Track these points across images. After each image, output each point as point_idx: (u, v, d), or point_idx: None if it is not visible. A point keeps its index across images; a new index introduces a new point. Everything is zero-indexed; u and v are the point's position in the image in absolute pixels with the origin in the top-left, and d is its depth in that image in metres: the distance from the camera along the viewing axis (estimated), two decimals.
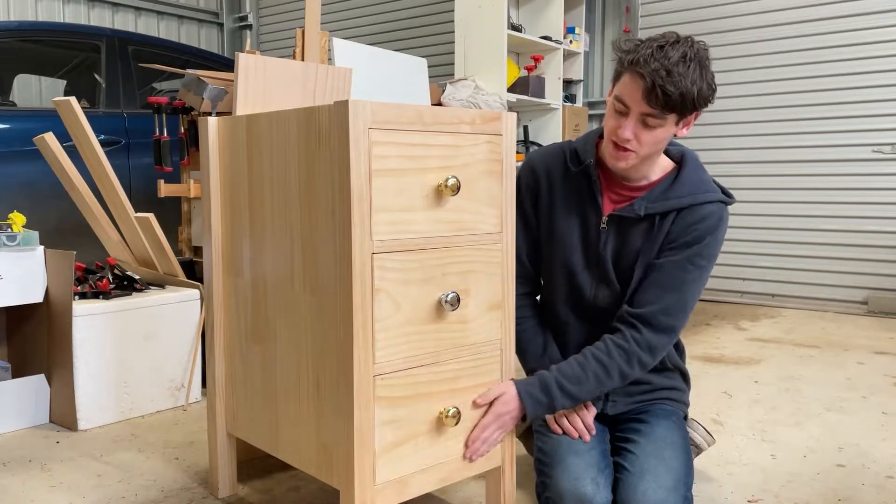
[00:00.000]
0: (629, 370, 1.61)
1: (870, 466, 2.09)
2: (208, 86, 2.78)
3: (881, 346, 3.56)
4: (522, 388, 1.60)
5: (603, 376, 1.60)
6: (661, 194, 1.64)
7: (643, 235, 1.65)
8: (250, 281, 1.71)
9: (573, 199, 1.72)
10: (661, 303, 1.60)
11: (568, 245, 1.72)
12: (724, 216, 1.64)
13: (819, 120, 4.52)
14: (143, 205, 3.55)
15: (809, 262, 4.62)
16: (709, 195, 1.63)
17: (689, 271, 1.61)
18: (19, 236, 2.35)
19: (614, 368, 1.60)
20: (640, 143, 1.54)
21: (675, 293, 1.61)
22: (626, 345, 1.60)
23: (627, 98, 1.52)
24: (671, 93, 1.46)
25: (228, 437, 1.86)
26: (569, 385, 1.59)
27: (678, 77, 1.46)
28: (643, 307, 1.61)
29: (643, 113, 1.51)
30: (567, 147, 1.77)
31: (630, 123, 1.53)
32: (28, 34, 4.08)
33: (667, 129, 1.54)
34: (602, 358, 1.61)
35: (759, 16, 4.67)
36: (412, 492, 1.50)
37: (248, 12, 7.20)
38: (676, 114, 1.51)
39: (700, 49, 1.51)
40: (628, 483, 1.53)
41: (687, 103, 1.49)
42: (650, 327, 1.61)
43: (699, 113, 1.56)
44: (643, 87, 1.48)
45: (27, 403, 2.41)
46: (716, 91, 1.54)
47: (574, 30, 4.89)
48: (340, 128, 1.37)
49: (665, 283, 1.61)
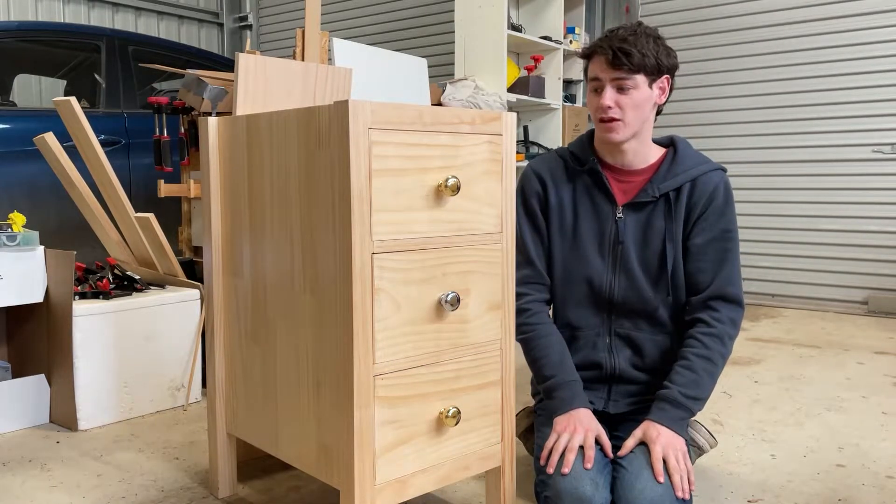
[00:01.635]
0: (725, 350, 1.70)
1: (870, 466, 2.09)
2: (208, 86, 2.78)
3: (881, 346, 3.56)
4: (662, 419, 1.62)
5: (712, 369, 1.68)
6: (666, 173, 1.74)
7: (663, 215, 1.73)
8: (250, 281, 1.71)
9: (582, 197, 1.78)
10: (721, 277, 1.71)
11: (582, 239, 1.77)
12: (728, 183, 1.77)
13: (819, 120, 4.52)
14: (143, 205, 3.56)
15: (809, 262, 4.62)
16: (710, 165, 1.76)
17: (728, 240, 1.73)
18: (19, 236, 2.35)
19: (717, 357, 1.68)
20: (622, 108, 1.67)
21: (727, 264, 1.72)
22: (714, 329, 1.69)
23: (597, 72, 1.68)
24: (630, 52, 1.62)
25: (228, 437, 1.86)
26: (693, 391, 1.66)
27: (633, 40, 1.64)
28: (709, 287, 1.72)
29: (613, 79, 1.66)
30: (562, 152, 1.84)
31: (607, 92, 1.67)
32: (28, 34, 4.08)
33: (641, 90, 1.67)
34: (703, 353, 1.68)
35: (759, 16, 4.66)
36: (412, 492, 1.50)
37: (248, 12, 7.20)
38: (644, 74, 1.65)
39: (649, 28, 1.69)
40: (626, 481, 1.53)
41: (649, 63, 1.65)
42: (724, 301, 1.71)
43: (670, 79, 1.71)
44: (605, 58, 1.65)
45: (27, 403, 2.41)
46: (676, 58, 1.72)
47: (574, 30, 4.89)
48: (340, 128, 1.37)
49: (715, 259, 1.72)
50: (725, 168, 1.79)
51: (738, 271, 1.74)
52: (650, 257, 1.74)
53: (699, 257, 1.73)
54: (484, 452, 1.62)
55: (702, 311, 1.72)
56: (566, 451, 1.58)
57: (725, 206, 1.73)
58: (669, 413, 1.63)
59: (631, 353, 1.76)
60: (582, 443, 1.59)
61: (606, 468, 1.58)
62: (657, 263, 1.73)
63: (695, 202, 1.72)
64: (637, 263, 1.74)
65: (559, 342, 1.76)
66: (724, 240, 1.72)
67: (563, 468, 1.55)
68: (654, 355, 1.76)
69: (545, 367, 1.73)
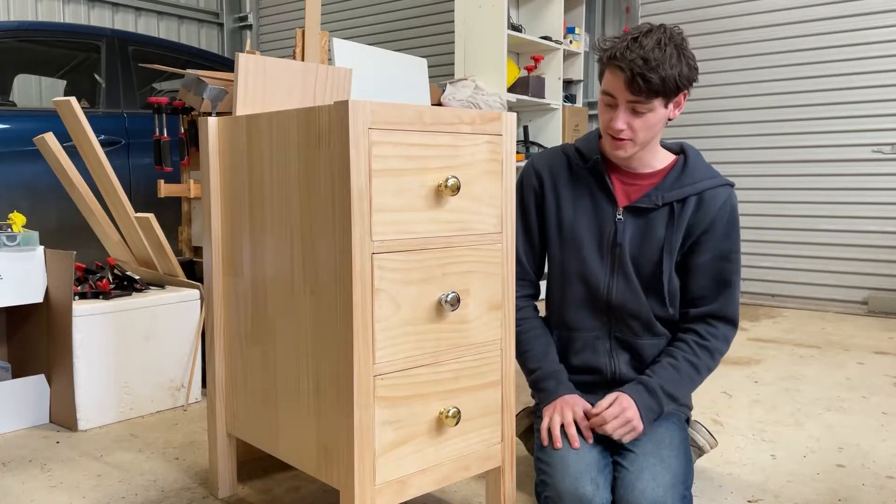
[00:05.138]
0: (713, 364, 1.72)
1: (870, 466, 2.09)
2: (208, 86, 2.78)
3: (881, 346, 3.56)
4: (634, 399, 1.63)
5: (694, 375, 1.70)
6: (674, 182, 1.70)
7: (665, 224, 1.70)
8: (250, 281, 1.71)
9: (582, 195, 1.76)
10: (721, 298, 1.72)
11: (580, 238, 1.75)
12: (735, 201, 1.75)
13: (819, 120, 4.52)
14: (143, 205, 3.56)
15: (809, 262, 4.62)
16: (719, 179, 1.72)
17: (732, 261, 1.72)
18: (19, 236, 2.35)
19: (703, 366, 1.70)
20: (634, 130, 1.62)
21: (730, 288, 1.72)
22: (707, 342, 1.70)
23: (613, 90, 1.61)
24: (651, 79, 1.54)
25: (228, 437, 1.86)
26: (672, 389, 1.67)
27: (655, 63, 1.54)
28: (708, 305, 1.72)
29: (629, 101, 1.59)
30: (568, 148, 1.81)
31: (620, 114, 1.61)
32: (28, 34, 4.08)
33: (656, 112, 1.61)
34: (691, 359, 1.69)
35: (759, 16, 4.67)
36: (412, 492, 1.50)
37: (248, 12, 7.20)
38: (661, 97, 1.59)
39: (674, 33, 1.60)
40: (626, 482, 1.53)
41: (669, 86, 1.57)
42: (721, 320, 1.72)
43: (687, 92, 1.64)
44: (624, 79, 1.57)
45: (27, 403, 2.41)
46: (697, 70, 1.63)
47: (574, 30, 4.89)
48: (340, 128, 1.37)
49: (717, 278, 1.72)
50: (733, 183, 1.76)
51: (738, 293, 1.74)
52: (644, 264, 1.72)
53: (702, 276, 1.72)
54: (484, 452, 1.62)
55: (699, 323, 1.73)
56: (564, 426, 1.63)
57: (731, 226, 1.71)
58: (644, 398, 1.64)
59: (631, 357, 1.76)
60: (574, 417, 1.64)
61: (607, 468, 1.58)
62: (651, 271, 1.72)
63: (700, 218, 1.69)
64: (632, 266, 1.72)
65: (544, 335, 1.80)
66: (727, 260, 1.71)
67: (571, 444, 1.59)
68: (655, 357, 1.75)
69: (530, 360, 1.78)
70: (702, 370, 1.70)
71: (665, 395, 1.66)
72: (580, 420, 1.64)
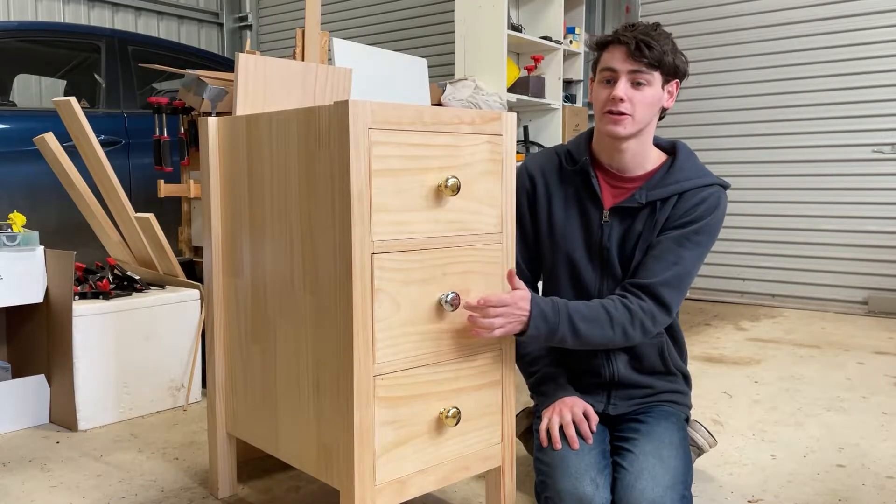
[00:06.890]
0: (631, 331, 1.61)
1: (870, 466, 2.09)
2: (208, 86, 2.78)
3: (881, 346, 3.56)
4: (535, 299, 1.56)
5: (606, 325, 1.60)
6: (659, 181, 1.69)
7: (644, 221, 1.69)
8: (250, 281, 1.71)
9: (572, 197, 1.75)
10: (660, 276, 1.63)
11: (570, 241, 1.75)
12: (722, 198, 1.70)
13: (819, 120, 4.52)
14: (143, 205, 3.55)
15: (809, 262, 4.62)
16: (708, 179, 1.70)
17: (687, 247, 1.65)
18: (19, 236, 2.35)
19: (618, 323, 1.60)
20: (634, 103, 1.62)
21: (674, 267, 1.64)
22: (632, 306, 1.62)
23: (614, 63, 1.62)
24: (654, 46, 1.59)
25: (228, 437, 1.86)
26: (576, 318, 1.58)
27: (656, 37, 1.61)
28: (644, 279, 1.65)
29: (631, 70, 1.61)
30: (560, 150, 1.82)
31: (622, 84, 1.62)
32: (28, 34, 4.08)
33: (655, 88, 1.63)
34: (609, 309, 1.61)
35: (759, 16, 4.66)
36: (412, 492, 1.50)
37: (248, 12, 7.20)
38: (661, 72, 1.62)
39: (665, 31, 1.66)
40: (626, 482, 1.53)
41: (667, 62, 1.61)
42: (652, 297, 1.63)
43: (679, 84, 1.67)
44: (626, 49, 1.60)
45: (27, 403, 2.41)
46: (688, 66, 1.69)
47: (574, 30, 4.89)
48: (340, 128, 1.37)
49: (664, 257, 1.65)
50: (727, 184, 1.72)
51: (680, 278, 1.63)
52: (629, 257, 1.71)
53: (652, 251, 1.66)
54: (484, 453, 1.62)
55: (630, 292, 1.64)
56: (563, 426, 1.62)
57: (707, 215, 1.65)
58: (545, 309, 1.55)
59: (629, 357, 1.75)
60: (572, 417, 1.63)
61: (607, 468, 1.58)
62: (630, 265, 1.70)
63: (675, 213, 1.67)
64: (620, 269, 1.71)
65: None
66: (681, 245, 1.64)
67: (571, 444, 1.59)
68: (653, 357, 1.75)
69: (529, 363, 1.78)
70: (615, 325, 1.59)
71: (568, 320, 1.57)
72: (579, 421, 1.64)
